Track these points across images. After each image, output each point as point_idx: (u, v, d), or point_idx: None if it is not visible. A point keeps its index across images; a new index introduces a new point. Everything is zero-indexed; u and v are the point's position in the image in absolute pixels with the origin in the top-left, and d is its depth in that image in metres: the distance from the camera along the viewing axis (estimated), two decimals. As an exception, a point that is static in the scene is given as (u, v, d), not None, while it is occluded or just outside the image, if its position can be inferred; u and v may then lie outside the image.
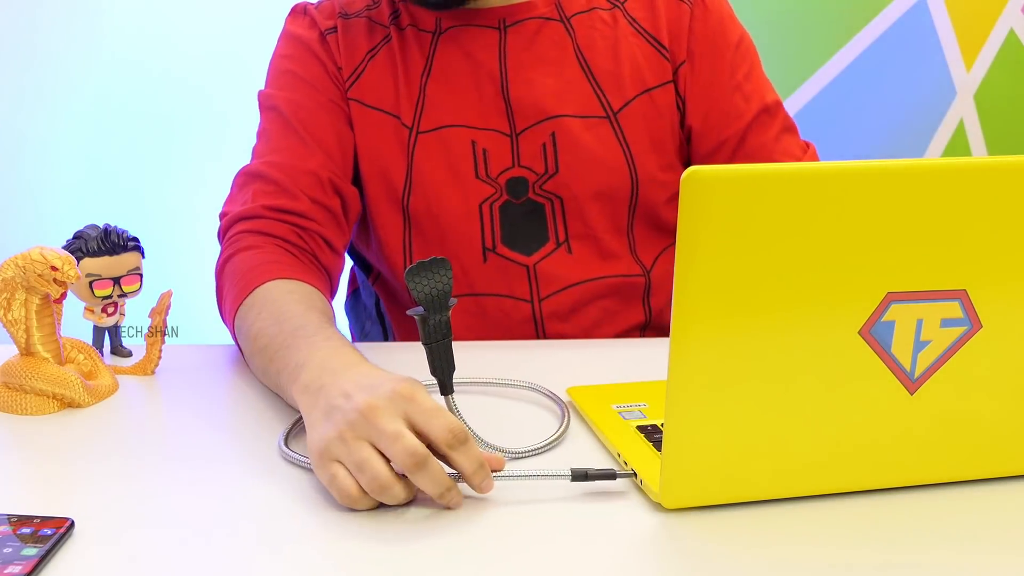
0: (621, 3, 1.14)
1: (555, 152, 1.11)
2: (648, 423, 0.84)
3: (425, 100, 1.11)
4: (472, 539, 0.69)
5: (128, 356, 1.01)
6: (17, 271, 0.85)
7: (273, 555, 0.67)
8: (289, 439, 0.82)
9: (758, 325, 0.68)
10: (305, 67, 1.13)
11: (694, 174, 0.63)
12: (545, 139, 1.11)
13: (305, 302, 0.93)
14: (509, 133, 1.11)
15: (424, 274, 0.76)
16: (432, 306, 0.76)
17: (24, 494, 0.75)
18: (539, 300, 1.13)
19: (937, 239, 0.69)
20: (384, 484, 0.69)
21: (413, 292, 0.75)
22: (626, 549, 0.68)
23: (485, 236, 1.12)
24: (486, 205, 1.11)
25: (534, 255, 1.12)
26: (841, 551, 0.68)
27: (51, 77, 2.02)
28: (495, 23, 1.12)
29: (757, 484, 0.72)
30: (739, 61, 1.16)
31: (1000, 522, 0.72)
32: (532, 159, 1.11)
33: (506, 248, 1.12)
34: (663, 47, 1.13)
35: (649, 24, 1.13)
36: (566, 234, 1.12)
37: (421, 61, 1.12)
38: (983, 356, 0.72)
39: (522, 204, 1.11)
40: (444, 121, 1.11)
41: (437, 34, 1.12)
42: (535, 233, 1.12)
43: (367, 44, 1.13)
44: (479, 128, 1.11)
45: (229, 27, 2.03)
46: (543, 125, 1.11)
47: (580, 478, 0.74)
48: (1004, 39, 2.06)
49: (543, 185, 1.11)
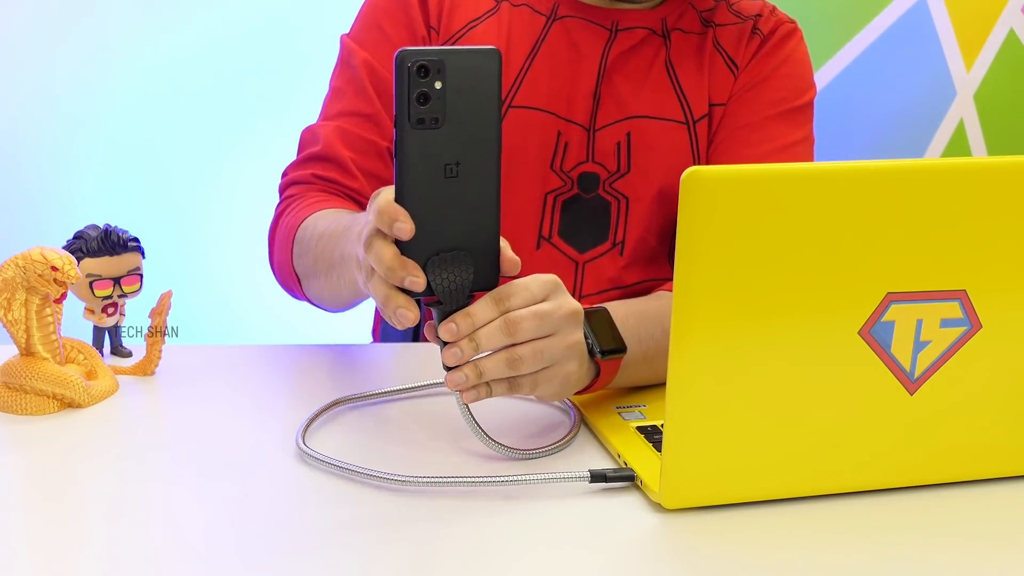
0: (715, 26, 1.17)
1: (628, 151, 1.13)
2: (648, 423, 0.84)
3: (525, 78, 1.13)
4: (472, 539, 0.69)
5: (128, 356, 1.01)
6: (17, 271, 0.85)
7: (274, 555, 0.67)
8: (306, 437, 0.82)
9: (758, 325, 0.68)
10: (394, 24, 1.13)
11: (694, 174, 0.63)
12: (620, 138, 1.13)
13: (349, 214, 0.99)
14: (588, 127, 1.12)
15: (445, 267, 0.74)
16: (448, 299, 0.75)
17: (24, 494, 0.75)
18: (580, 298, 1.14)
19: (937, 239, 0.69)
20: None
21: (432, 283, 0.74)
22: (626, 549, 0.68)
23: (543, 225, 1.13)
24: (551, 196, 1.13)
25: (588, 252, 1.14)
26: (841, 551, 0.68)
27: (51, 77, 2.02)
28: (608, 24, 1.14)
29: (757, 484, 0.72)
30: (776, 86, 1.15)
31: (1000, 522, 0.72)
32: (605, 156, 1.13)
33: (561, 240, 1.14)
34: (736, 67, 1.16)
35: (732, 48, 1.16)
36: (624, 235, 1.14)
37: (530, 40, 1.14)
38: (983, 356, 0.72)
39: (591, 200, 1.13)
40: (537, 103, 1.12)
41: (552, 19, 1.14)
42: (595, 230, 1.14)
43: (473, 12, 1.14)
44: (566, 119, 1.12)
45: (230, 27, 2.03)
46: (621, 124, 1.13)
47: (599, 480, 0.75)
48: (1004, 39, 2.06)
49: (613, 183, 1.13)
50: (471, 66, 0.72)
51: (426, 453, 0.81)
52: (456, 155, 0.73)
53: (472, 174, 0.73)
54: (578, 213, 1.13)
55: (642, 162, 1.13)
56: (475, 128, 0.73)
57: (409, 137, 0.72)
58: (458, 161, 0.73)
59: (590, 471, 0.75)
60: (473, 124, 0.73)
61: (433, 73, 0.71)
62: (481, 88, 0.72)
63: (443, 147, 0.72)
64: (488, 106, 0.73)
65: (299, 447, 0.80)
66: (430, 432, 0.85)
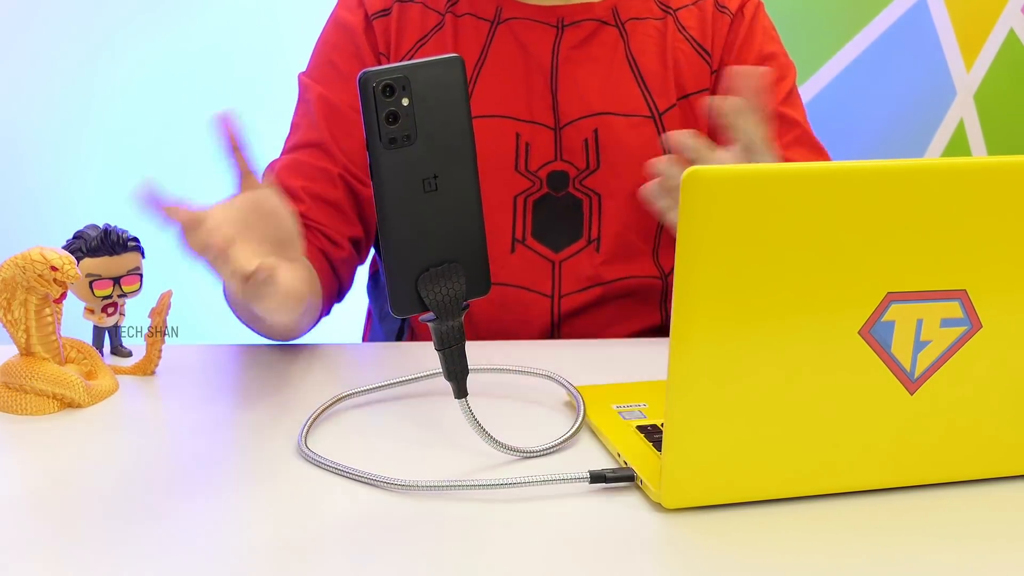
0: (673, 11, 1.16)
1: (597, 148, 1.13)
2: (648, 423, 0.84)
3: (475, 88, 1.13)
4: (472, 539, 0.69)
5: (128, 356, 1.01)
6: (17, 271, 0.85)
7: (275, 555, 0.67)
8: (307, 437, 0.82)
9: (758, 325, 0.68)
10: (344, 57, 1.15)
11: (694, 174, 0.63)
12: (588, 135, 1.13)
13: None
14: (553, 127, 1.12)
15: (437, 281, 0.74)
16: (444, 312, 0.75)
17: (24, 494, 0.75)
18: (559, 296, 1.14)
19: (937, 239, 0.69)
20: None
21: (425, 299, 0.74)
22: (626, 549, 0.68)
23: (516, 227, 1.13)
24: (520, 198, 1.13)
25: (563, 251, 1.14)
26: (841, 551, 0.68)
27: (51, 76, 2.02)
28: (554, 21, 1.14)
29: (757, 484, 0.72)
30: (784, 88, 1.17)
31: (1000, 522, 0.72)
32: (573, 154, 1.13)
33: (535, 241, 1.14)
34: (707, 53, 1.15)
35: (698, 32, 1.16)
36: (599, 231, 1.14)
37: (476, 49, 1.14)
38: (983, 356, 0.72)
39: (562, 198, 1.13)
40: (492, 110, 1.13)
41: (495, 23, 1.14)
42: (569, 228, 1.14)
43: (419, 32, 1.15)
44: (524, 120, 1.13)
45: (230, 27, 2.03)
46: (587, 121, 1.13)
47: (599, 480, 0.75)
48: (1004, 39, 2.06)
49: (583, 180, 1.13)
50: (435, 76, 0.71)
51: (427, 452, 0.81)
52: (432, 168, 0.72)
53: (451, 184, 0.73)
54: (550, 212, 1.13)
55: (611, 158, 1.13)
56: (447, 138, 0.72)
57: (382, 158, 0.71)
58: (435, 174, 0.72)
59: (590, 471, 0.75)
60: (445, 134, 0.72)
61: (399, 90, 0.71)
62: (448, 97, 0.72)
63: (418, 163, 0.72)
64: (457, 114, 0.72)
65: (300, 449, 0.80)
66: (430, 431, 0.85)
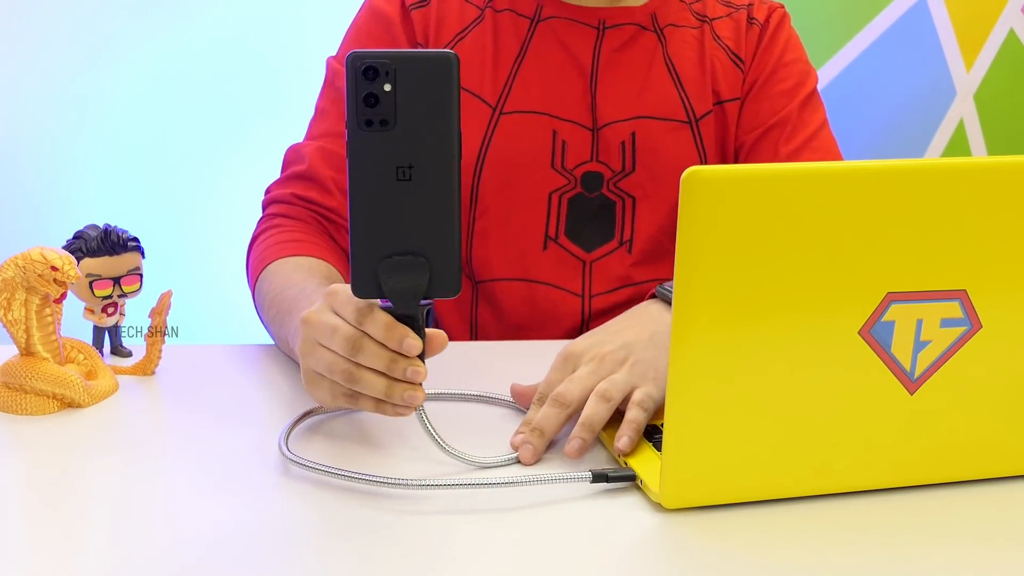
0: (709, 20, 1.17)
1: (634, 151, 1.13)
2: (648, 423, 0.84)
3: (514, 83, 1.13)
4: (472, 540, 0.69)
5: (128, 356, 1.01)
6: (17, 271, 0.85)
7: (275, 555, 0.67)
8: (289, 439, 0.82)
9: (758, 325, 0.68)
10: (377, 45, 1.15)
11: (694, 174, 0.63)
12: (625, 138, 1.13)
13: (307, 271, 1.00)
14: (591, 127, 1.13)
15: (397, 269, 0.74)
16: (399, 302, 0.75)
17: (24, 494, 0.75)
18: (590, 296, 1.15)
19: (937, 239, 0.69)
20: (342, 370, 0.75)
21: (383, 285, 0.74)
22: (626, 549, 0.68)
23: (549, 225, 1.14)
24: (556, 195, 1.13)
25: (595, 251, 1.15)
26: (841, 551, 0.68)
27: (51, 76, 2.02)
28: (595, 22, 1.14)
29: (757, 484, 0.72)
30: (785, 75, 1.17)
31: (1000, 522, 0.72)
32: (609, 156, 1.13)
33: (568, 240, 1.14)
34: (741, 62, 1.17)
35: (732, 42, 1.17)
36: (632, 234, 1.14)
37: (516, 45, 1.14)
38: (983, 356, 0.72)
39: (595, 199, 1.14)
40: (530, 106, 1.13)
41: (536, 21, 1.14)
42: (601, 229, 1.14)
43: (459, 24, 1.15)
44: (562, 119, 1.13)
45: (230, 27, 2.03)
46: (624, 124, 1.13)
47: (600, 480, 0.75)
48: (1004, 39, 2.06)
49: (618, 183, 1.13)
50: (424, 70, 0.72)
51: (427, 452, 0.81)
52: (409, 158, 0.72)
53: (427, 178, 0.73)
54: (582, 212, 1.14)
55: (649, 162, 1.14)
56: (430, 132, 0.72)
57: (354, 137, 0.72)
58: (411, 164, 0.72)
59: (591, 471, 0.75)
60: (428, 128, 0.72)
61: (381, 75, 0.71)
62: (436, 92, 0.72)
63: (394, 149, 0.72)
64: (444, 110, 0.72)
65: (282, 452, 0.79)
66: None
